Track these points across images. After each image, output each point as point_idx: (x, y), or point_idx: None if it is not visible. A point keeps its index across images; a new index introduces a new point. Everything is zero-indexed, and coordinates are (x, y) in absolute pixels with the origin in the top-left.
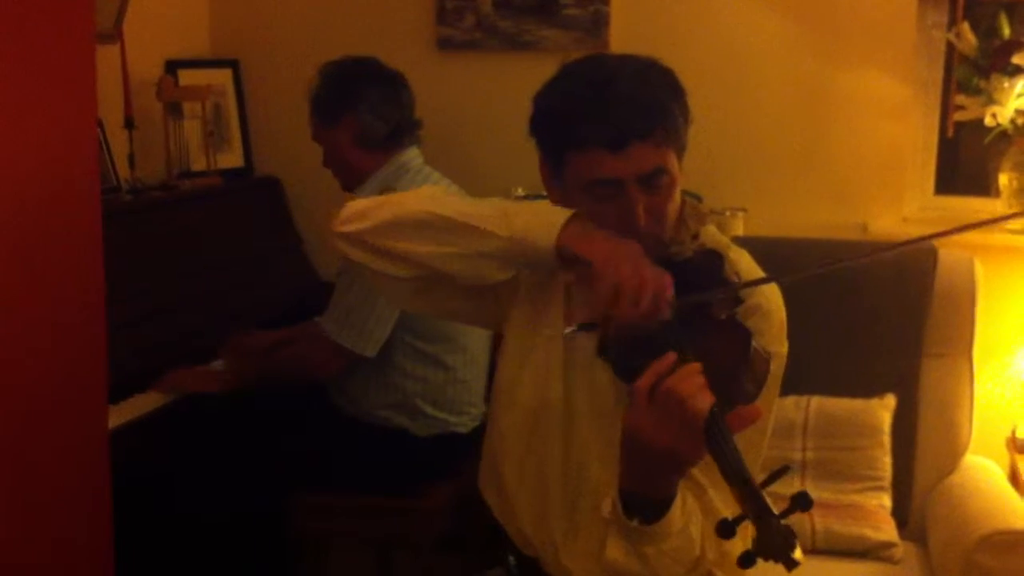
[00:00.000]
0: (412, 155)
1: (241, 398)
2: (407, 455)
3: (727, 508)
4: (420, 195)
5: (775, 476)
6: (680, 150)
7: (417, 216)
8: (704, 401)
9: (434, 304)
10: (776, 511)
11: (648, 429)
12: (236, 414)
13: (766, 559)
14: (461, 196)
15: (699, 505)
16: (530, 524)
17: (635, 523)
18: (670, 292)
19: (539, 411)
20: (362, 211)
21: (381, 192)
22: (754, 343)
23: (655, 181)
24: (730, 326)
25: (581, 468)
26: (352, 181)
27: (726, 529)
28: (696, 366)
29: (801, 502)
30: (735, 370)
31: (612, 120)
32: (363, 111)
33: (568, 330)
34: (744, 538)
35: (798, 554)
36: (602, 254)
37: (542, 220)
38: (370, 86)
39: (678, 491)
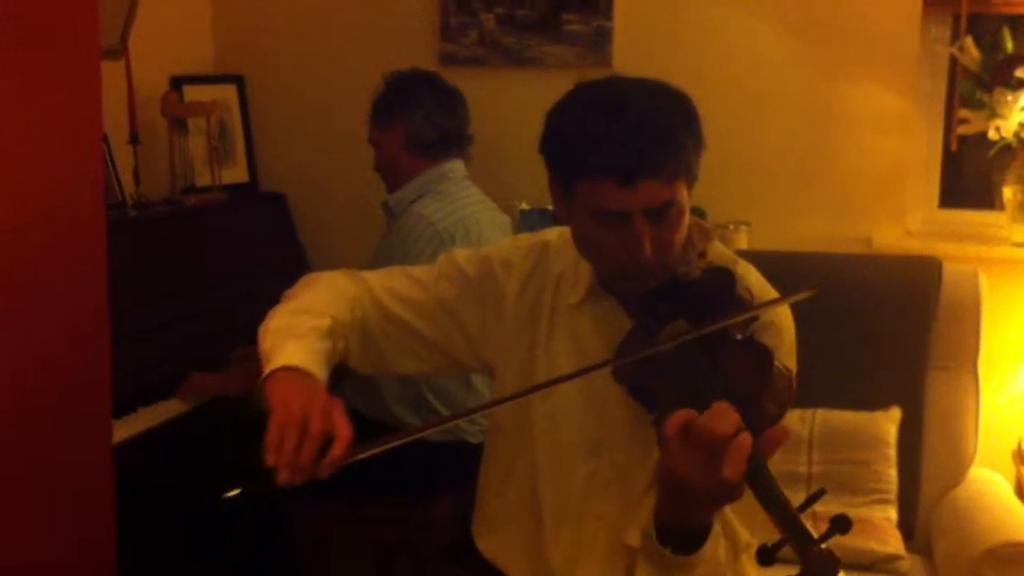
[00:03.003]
0: (456, 166)
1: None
2: (418, 461)
3: (744, 524)
4: (285, 303)
5: (812, 500)
6: (691, 180)
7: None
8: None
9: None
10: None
11: (687, 470)
12: (241, 418)
13: None
14: (299, 310)
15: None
16: (527, 559)
17: (668, 552)
18: (339, 447)
19: (533, 450)
20: (287, 294)
21: (419, 195)
22: (776, 362)
23: (663, 213)
24: (749, 346)
25: (583, 496)
26: (396, 183)
27: (766, 556)
28: (726, 404)
29: (840, 525)
30: (757, 391)
31: (623, 153)
32: (417, 115)
33: (229, 494)
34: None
35: None
36: (280, 400)
37: (267, 362)
38: (428, 93)
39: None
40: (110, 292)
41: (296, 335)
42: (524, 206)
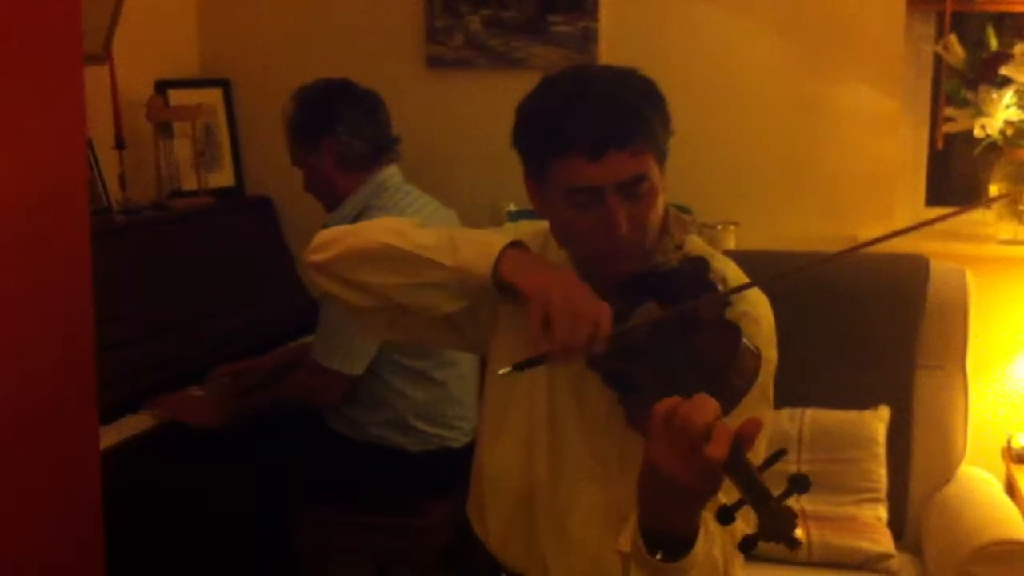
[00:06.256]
0: (391, 173)
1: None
2: (404, 473)
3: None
4: (379, 225)
5: (772, 460)
6: (661, 157)
7: (370, 247)
8: (724, 443)
9: (407, 333)
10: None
11: (666, 460)
12: (233, 433)
13: (768, 541)
14: (418, 225)
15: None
16: (518, 544)
17: (658, 558)
18: (606, 323)
19: (527, 437)
20: (328, 240)
21: (360, 212)
22: (744, 340)
23: (635, 189)
24: (719, 324)
25: (572, 486)
26: (334, 203)
27: (725, 515)
28: (706, 396)
29: (799, 484)
30: (724, 366)
31: (588, 124)
32: (342, 133)
33: (503, 371)
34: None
35: (799, 533)
36: (534, 284)
37: (483, 249)
38: (347, 107)
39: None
40: (96, 297)
41: (464, 229)
42: (512, 208)
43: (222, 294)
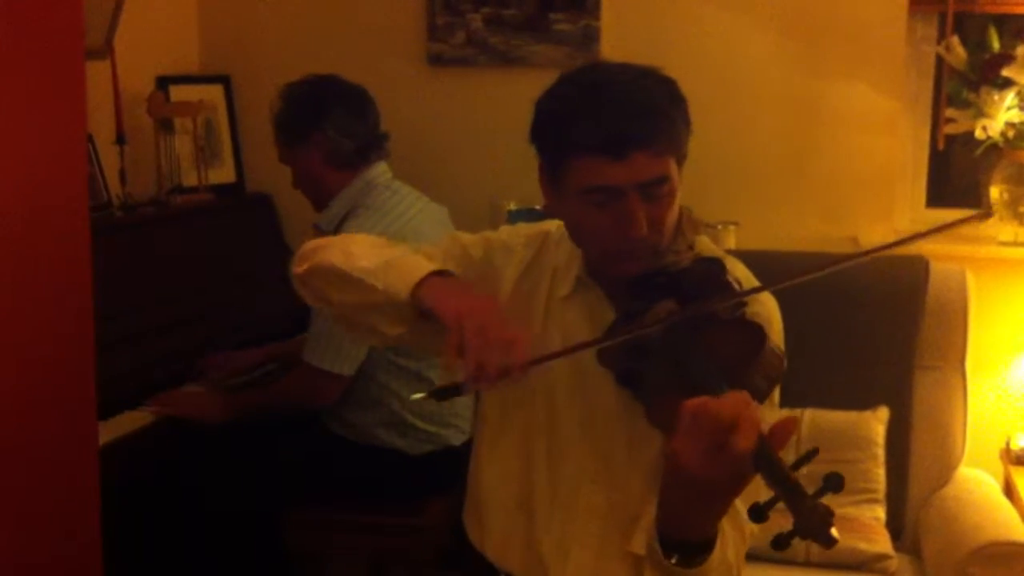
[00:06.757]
0: (380, 171)
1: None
2: (402, 474)
3: (744, 504)
4: (338, 243)
5: (805, 458)
6: (681, 159)
7: (325, 266)
8: (751, 436)
9: (387, 342)
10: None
11: (693, 457)
12: (231, 432)
13: (803, 539)
14: (377, 245)
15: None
16: (517, 549)
17: (673, 563)
18: (521, 352)
19: (525, 443)
20: (307, 252)
21: (348, 211)
22: (769, 342)
23: (656, 190)
24: (739, 324)
25: (572, 490)
26: (323, 200)
27: (758, 513)
28: (736, 393)
29: (833, 483)
30: (746, 366)
31: (606, 123)
32: (329, 129)
33: (416, 396)
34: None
35: (835, 531)
36: (451, 310)
37: (406, 276)
38: (335, 104)
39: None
40: (96, 293)
41: (411, 252)
42: (512, 206)
43: (222, 291)
